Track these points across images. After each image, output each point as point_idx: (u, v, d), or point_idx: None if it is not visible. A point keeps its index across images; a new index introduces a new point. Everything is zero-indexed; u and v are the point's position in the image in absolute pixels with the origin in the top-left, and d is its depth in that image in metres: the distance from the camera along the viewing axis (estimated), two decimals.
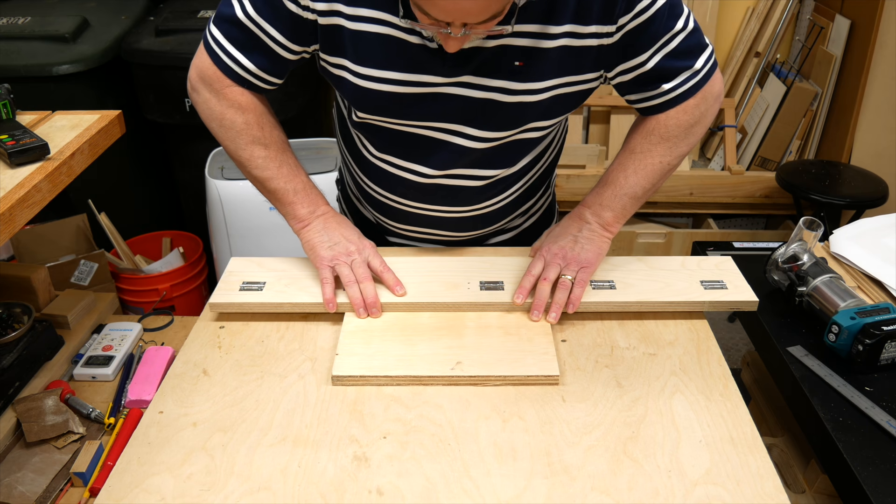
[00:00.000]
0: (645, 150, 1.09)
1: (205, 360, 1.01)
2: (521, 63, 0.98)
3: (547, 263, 1.09)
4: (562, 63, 0.99)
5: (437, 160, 1.09)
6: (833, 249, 1.33)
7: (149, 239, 2.48)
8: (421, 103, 1.02)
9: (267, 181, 1.11)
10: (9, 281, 1.39)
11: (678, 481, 0.81)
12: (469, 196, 1.15)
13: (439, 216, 1.19)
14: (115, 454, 1.11)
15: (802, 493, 1.15)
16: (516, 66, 0.98)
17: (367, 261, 1.10)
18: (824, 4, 2.83)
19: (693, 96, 1.04)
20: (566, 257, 1.09)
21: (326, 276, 1.08)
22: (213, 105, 1.09)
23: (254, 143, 1.09)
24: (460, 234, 1.25)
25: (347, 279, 1.07)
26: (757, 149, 2.87)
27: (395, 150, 1.11)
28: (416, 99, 1.02)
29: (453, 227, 1.22)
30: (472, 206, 1.17)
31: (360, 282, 1.07)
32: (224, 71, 1.06)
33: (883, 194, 2.41)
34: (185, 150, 2.46)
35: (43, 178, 1.09)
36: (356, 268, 1.08)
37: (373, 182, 1.19)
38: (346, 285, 1.07)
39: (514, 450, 0.86)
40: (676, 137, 1.07)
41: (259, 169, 1.10)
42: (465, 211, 1.18)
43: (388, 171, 1.14)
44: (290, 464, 0.84)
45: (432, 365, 0.97)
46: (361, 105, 1.05)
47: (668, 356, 1.01)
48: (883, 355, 1.04)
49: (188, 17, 2.44)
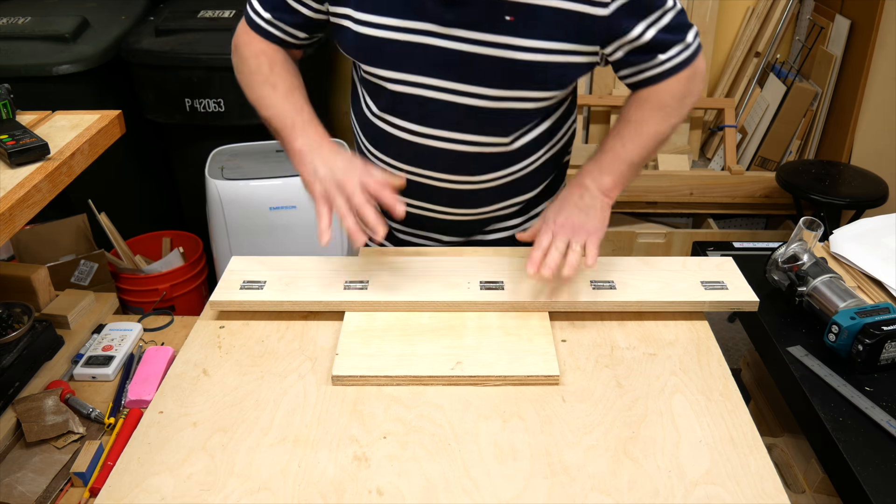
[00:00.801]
0: (641, 119, 1.12)
1: (205, 360, 1.01)
2: (512, 18, 1.01)
3: (555, 235, 1.09)
4: (553, 26, 1.02)
5: (432, 120, 1.13)
6: (833, 249, 1.33)
7: (149, 239, 2.48)
8: (416, 53, 1.07)
9: (271, 119, 1.15)
10: (9, 281, 1.39)
11: (678, 481, 0.81)
12: (463, 164, 1.17)
13: (433, 186, 1.21)
14: (115, 454, 1.11)
15: (802, 493, 1.15)
16: (507, 20, 1.02)
17: (362, 185, 1.05)
18: (824, 4, 2.83)
19: (686, 68, 1.10)
20: (573, 227, 1.10)
21: (321, 210, 1.05)
22: (240, 61, 1.19)
23: (264, 84, 1.16)
24: (456, 211, 1.26)
25: (342, 210, 1.04)
26: (757, 149, 2.87)
27: (394, 109, 1.15)
28: (412, 48, 1.06)
29: (448, 202, 1.24)
30: (466, 177, 1.19)
31: (356, 209, 1.03)
32: (251, 25, 1.17)
33: (883, 194, 2.41)
34: (185, 150, 2.46)
35: (43, 178, 1.09)
36: (352, 197, 1.04)
37: (371, 145, 1.23)
38: (343, 217, 1.03)
39: (514, 450, 0.86)
40: (670, 107, 1.12)
41: (265, 108, 1.16)
42: (460, 182, 1.20)
43: (387, 130, 1.18)
44: (290, 464, 0.84)
45: (432, 365, 0.97)
46: (361, 55, 1.12)
47: (668, 356, 1.01)
48: (883, 355, 1.04)
49: (188, 17, 2.44)
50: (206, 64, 2.23)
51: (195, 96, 2.29)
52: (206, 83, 2.26)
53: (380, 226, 1.02)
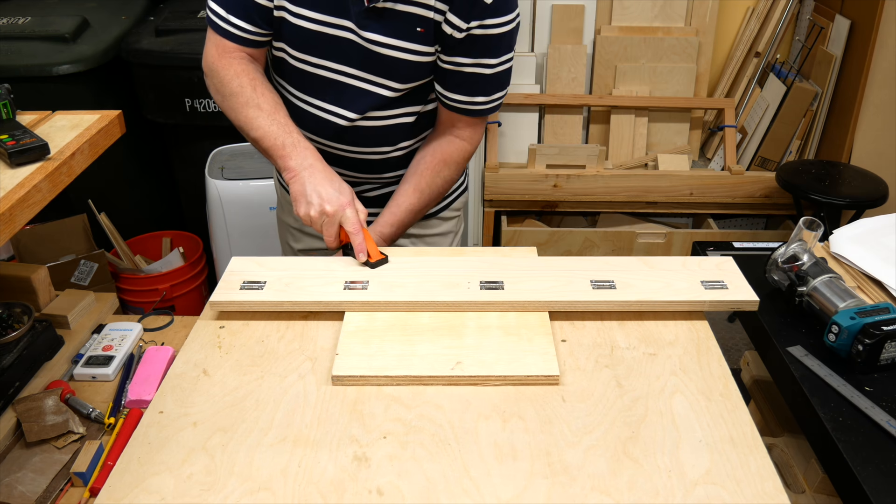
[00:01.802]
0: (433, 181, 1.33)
1: (205, 360, 1.01)
2: (423, 30, 1.18)
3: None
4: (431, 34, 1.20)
5: (354, 106, 1.27)
6: (833, 249, 1.33)
7: (149, 239, 2.48)
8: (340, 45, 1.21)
9: (261, 140, 1.22)
10: (9, 281, 1.39)
11: (678, 481, 0.81)
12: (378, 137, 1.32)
13: (352, 157, 1.35)
14: (115, 454, 1.11)
15: (802, 493, 1.15)
16: (418, 31, 1.19)
17: (341, 222, 1.16)
18: (824, 4, 2.83)
19: (483, 116, 1.31)
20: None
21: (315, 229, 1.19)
22: (219, 83, 1.25)
23: (248, 106, 1.22)
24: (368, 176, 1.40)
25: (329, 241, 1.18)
26: (757, 149, 2.87)
27: (322, 94, 1.28)
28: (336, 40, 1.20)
29: (365, 169, 1.38)
30: (380, 148, 1.34)
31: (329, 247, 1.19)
32: (217, 31, 1.24)
33: (883, 194, 2.41)
34: (185, 150, 2.46)
35: (43, 178, 1.09)
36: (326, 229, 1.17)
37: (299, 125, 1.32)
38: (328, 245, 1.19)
39: (514, 450, 0.86)
40: (458, 164, 1.35)
41: (254, 129, 1.22)
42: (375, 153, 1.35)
43: (313, 113, 1.30)
44: (290, 464, 0.84)
45: (432, 365, 0.97)
46: (296, 43, 1.23)
47: (668, 356, 1.01)
48: (883, 355, 1.04)
49: (188, 17, 2.45)
50: None
51: (195, 96, 2.29)
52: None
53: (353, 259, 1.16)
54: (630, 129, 2.84)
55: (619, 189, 2.74)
